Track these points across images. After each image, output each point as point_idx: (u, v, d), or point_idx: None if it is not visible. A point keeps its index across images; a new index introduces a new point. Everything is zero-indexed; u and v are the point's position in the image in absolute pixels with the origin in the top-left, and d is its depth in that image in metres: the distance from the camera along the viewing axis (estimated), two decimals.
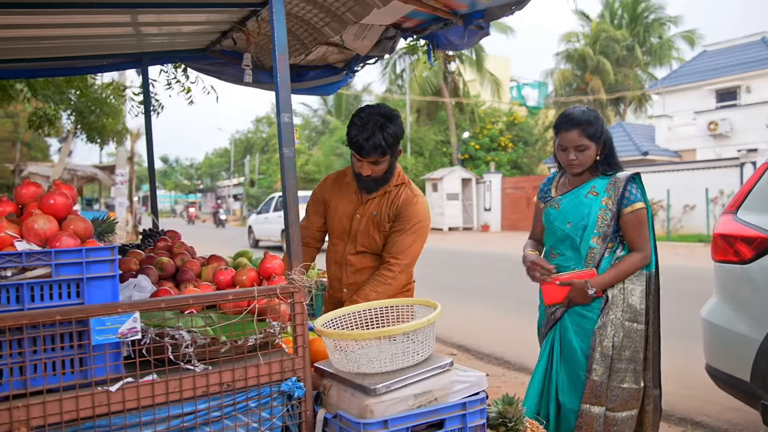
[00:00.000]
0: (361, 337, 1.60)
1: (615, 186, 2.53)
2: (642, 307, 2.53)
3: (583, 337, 2.56)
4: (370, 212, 2.52)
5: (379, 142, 2.34)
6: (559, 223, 2.60)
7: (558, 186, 2.73)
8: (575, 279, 2.49)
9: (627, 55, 30.97)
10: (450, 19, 2.86)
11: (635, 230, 2.52)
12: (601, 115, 2.58)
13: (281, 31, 1.64)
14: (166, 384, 1.49)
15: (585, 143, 2.49)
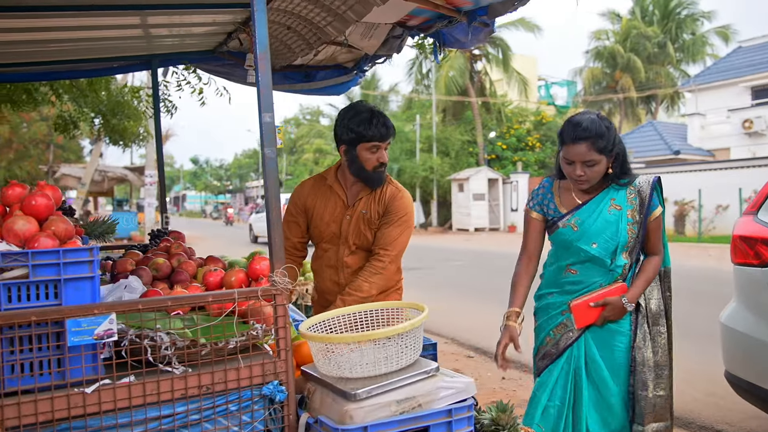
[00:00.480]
0: (341, 340, 1.56)
1: (639, 195, 2.34)
2: (661, 309, 2.42)
3: (611, 355, 2.36)
4: (359, 212, 2.56)
5: (392, 123, 2.53)
6: (582, 243, 2.33)
7: (562, 198, 2.43)
8: (609, 297, 2.30)
9: (659, 53, 30.33)
10: (453, 16, 2.81)
11: (656, 235, 2.39)
12: (613, 125, 2.32)
13: (262, 31, 1.62)
14: (143, 386, 1.48)
15: (594, 158, 2.22)
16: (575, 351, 2.39)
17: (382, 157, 2.50)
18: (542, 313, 2.51)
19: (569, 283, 2.40)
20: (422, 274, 12.25)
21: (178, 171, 74.71)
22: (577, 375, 2.39)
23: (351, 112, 2.53)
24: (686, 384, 4.56)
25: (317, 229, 2.62)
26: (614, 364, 2.36)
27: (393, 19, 3.04)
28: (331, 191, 2.61)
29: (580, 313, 2.34)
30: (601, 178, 2.31)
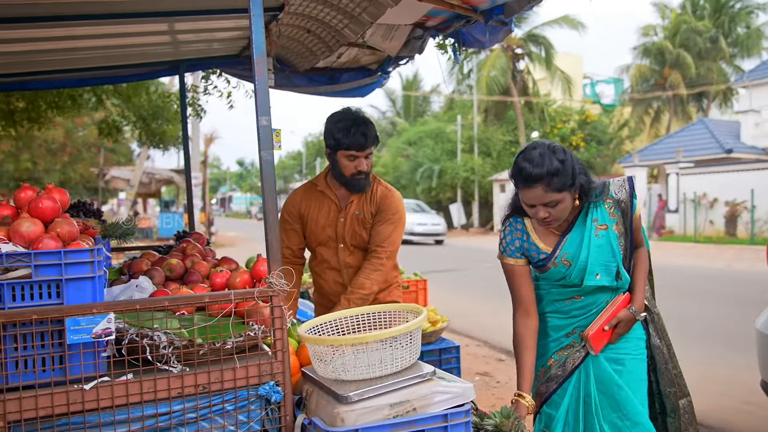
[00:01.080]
0: (336, 342, 1.57)
1: (618, 206, 2.14)
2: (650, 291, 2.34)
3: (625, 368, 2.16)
4: (352, 213, 2.62)
5: (374, 132, 2.54)
6: (589, 280, 2.11)
7: (540, 234, 2.16)
8: (619, 313, 2.14)
9: (710, 48, 29.21)
10: (470, 15, 2.78)
11: (638, 231, 2.24)
12: (569, 153, 2.03)
13: (259, 36, 1.63)
14: (140, 384, 1.51)
15: (554, 198, 1.98)
16: (582, 373, 2.18)
17: (360, 166, 2.52)
18: (549, 333, 2.26)
19: (575, 309, 2.20)
20: (457, 276, 12.17)
21: (224, 173, 76.44)
22: (587, 400, 2.16)
23: (335, 117, 2.57)
24: (722, 393, 4.38)
25: (313, 234, 2.67)
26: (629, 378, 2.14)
27: (411, 21, 3.03)
28: (323, 196, 2.67)
29: (597, 340, 2.14)
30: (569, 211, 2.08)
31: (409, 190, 30.91)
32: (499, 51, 28.98)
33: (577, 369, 2.18)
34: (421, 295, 4.35)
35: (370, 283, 2.51)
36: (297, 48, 3.47)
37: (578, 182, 2.02)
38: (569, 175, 1.98)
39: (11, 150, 20.98)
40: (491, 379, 5.24)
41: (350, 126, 2.49)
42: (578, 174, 2.01)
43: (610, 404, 2.12)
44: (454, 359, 3.62)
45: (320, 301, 2.82)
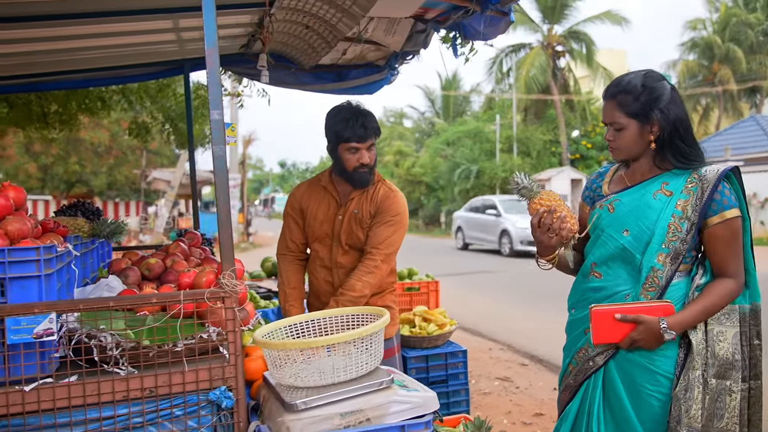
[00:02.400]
0: (283, 347, 1.49)
1: (699, 185, 1.80)
2: (737, 359, 1.79)
3: (642, 401, 1.82)
4: (351, 211, 2.55)
5: (374, 123, 2.50)
6: (613, 230, 1.87)
7: (612, 181, 2.00)
8: (644, 315, 1.75)
9: (763, 41, 27.88)
10: (467, 5, 2.66)
11: (726, 247, 1.78)
12: (664, 84, 1.82)
13: (210, 28, 1.59)
14: (83, 386, 1.47)
15: (620, 121, 1.81)
16: (591, 384, 1.93)
17: (362, 158, 2.46)
18: (568, 331, 2.07)
19: (591, 290, 1.94)
20: (491, 277, 11.94)
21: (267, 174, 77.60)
22: (590, 416, 1.91)
23: (334, 110, 2.52)
24: None
25: (311, 229, 2.63)
26: (646, 416, 1.81)
27: (407, 13, 2.93)
28: (325, 191, 2.62)
29: (601, 325, 1.78)
30: (639, 151, 1.86)
31: (447, 191, 30.63)
32: (538, 49, 28.44)
33: (587, 380, 1.95)
34: (433, 297, 4.24)
35: (361, 286, 2.43)
36: (299, 44, 3.41)
37: (656, 118, 1.79)
38: (648, 103, 1.78)
39: (60, 153, 21.80)
40: (511, 384, 5.08)
41: (349, 117, 2.44)
42: (661, 108, 1.78)
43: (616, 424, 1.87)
44: (461, 364, 3.50)
45: (312, 302, 2.76)
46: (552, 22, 28.77)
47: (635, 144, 1.84)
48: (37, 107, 6.70)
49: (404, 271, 4.51)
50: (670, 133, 1.81)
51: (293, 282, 2.64)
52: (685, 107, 1.87)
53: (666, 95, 1.80)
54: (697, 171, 1.83)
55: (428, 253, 17.25)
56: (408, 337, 3.43)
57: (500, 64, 30.63)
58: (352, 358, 1.51)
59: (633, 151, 1.86)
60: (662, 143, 1.83)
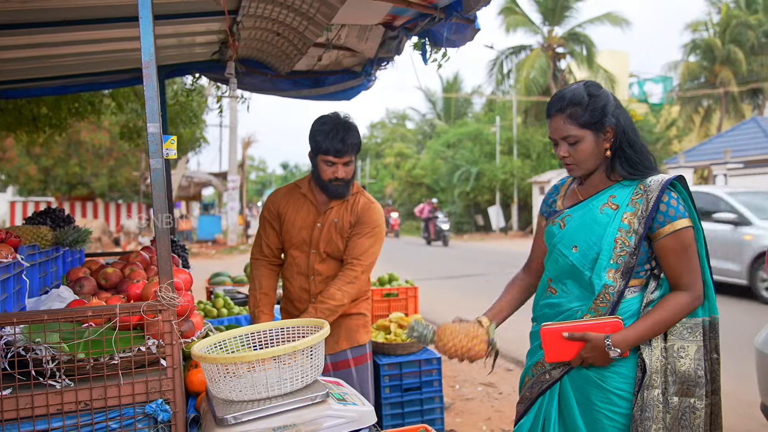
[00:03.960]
0: (214, 361, 1.48)
1: (645, 196, 1.77)
2: (699, 375, 1.74)
3: (592, 419, 1.79)
4: (330, 220, 2.57)
5: (355, 139, 2.49)
6: (563, 247, 1.85)
7: (566, 195, 1.98)
8: (590, 332, 1.73)
9: (765, 42, 27.78)
10: (432, 13, 2.65)
11: (678, 260, 1.74)
12: (606, 91, 1.82)
13: (147, 40, 1.59)
14: (16, 399, 1.46)
15: (574, 133, 1.78)
16: (547, 398, 1.90)
17: (338, 172, 2.48)
18: (531, 341, 2.04)
19: (546, 306, 1.93)
20: (483, 281, 11.91)
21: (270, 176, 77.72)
22: (546, 427, 1.88)
23: (320, 120, 2.54)
24: None
25: (288, 235, 2.62)
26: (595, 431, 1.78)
27: (375, 21, 2.93)
28: (304, 199, 2.62)
29: (551, 343, 1.78)
30: (596, 163, 1.83)
31: (447, 193, 30.63)
32: (539, 50, 28.42)
33: (543, 394, 1.92)
34: (411, 302, 4.23)
35: (341, 295, 2.45)
36: (272, 51, 3.42)
37: (609, 124, 1.78)
38: (595, 112, 1.77)
39: (61, 155, 21.87)
40: (494, 390, 5.07)
41: (330, 130, 2.45)
42: (609, 115, 1.78)
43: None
44: (436, 371, 3.48)
45: (286, 308, 2.76)
46: (552, 24, 28.76)
47: (593, 155, 1.81)
48: (27, 111, 6.73)
49: (384, 277, 4.50)
50: (621, 138, 1.80)
51: (265, 287, 2.64)
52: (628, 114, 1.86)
53: (612, 101, 1.80)
54: (643, 182, 1.80)
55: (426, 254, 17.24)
56: (382, 344, 3.42)
57: (501, 66, 30.62)
58: (286, 372, 1.51)
59: (591, 163, 1.83)
60: (614, 151, 1.81)
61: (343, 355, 2.63)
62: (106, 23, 2.90)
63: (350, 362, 2.65)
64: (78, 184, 25.27)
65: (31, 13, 2.57)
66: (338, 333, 2.61)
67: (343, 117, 2.51)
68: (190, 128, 7.35)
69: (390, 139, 43.27)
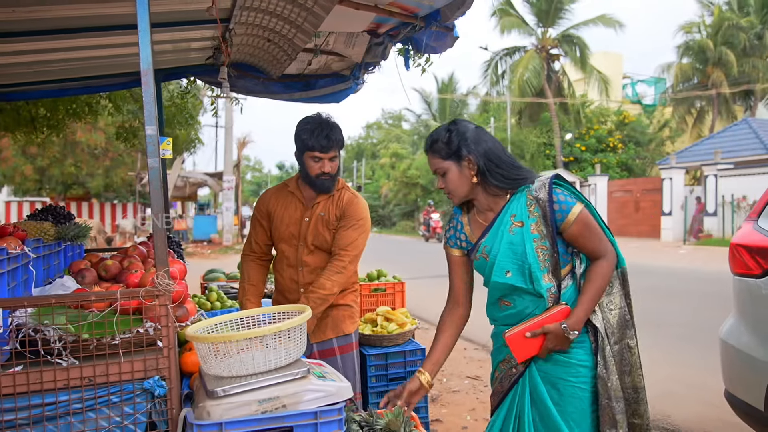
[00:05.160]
0: (206, 340, 1.65)
1: (538, 204, 2.01)
2: (627, 319, 2.05)
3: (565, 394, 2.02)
4: (317, 214, 2.71)
5: (338, 136, 2.63)
6: (497, 276, 2.04)
7: (472, 226, 2.16)
8: (547, 325, 1.96)
9: (756, 45, 28.06)
10: (413, 22, 2.83)
11: (587, 238, 2.00)
12: (465, 125, 2.06)
13: (146, 50, 1.75)
14: (27, 375, 1.63)
15: (441, 165, 2.04)
16: (519, 390, 2.10)
17: (324, 167, 2.62)
18: (493, 341, 2.25)
19: (506, 317, 2.12)
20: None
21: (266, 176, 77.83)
22: (520, 419, 2.07)
23: (304, 120, 2.67)
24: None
25: (277, 231, 2.78)
26: (571, 407, 2.00)
27: (360, 28, 3.10)
28: (292, 196, 2.77)
29: (518, 346, 1.99)
30: (466, 189, 2.05)
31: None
32: (532, 52, 28.64)
33: (514, 386, 2.11)
34: (399, 297, 4.38)
35: (330, 284, 2.58)
36: (264, 56, 3.58)
37: (465, 153, 2.00)
38: (453, 144, 2.01)
39: (56, 155, 21.97)
40: (480, 382, 5.23)
41: (315, 128, 2.59)
42: (468, 144, 2.00)
43: (544, 424, 2.03)
44: (419, 361, 3.64)
45: (277, 299, 2.91)
46: (546, 26, 28.98)
47: (460, 181, 2.04)
48: (25, 112, 6.87)
49: (373, 273, 4.66)
50: (485, 164, 2.01)
51: (253, 279, 2.80)
52: (493, 138, 2.08)
53: (470, 132, 2.03)
54: (530, 192, 2.02)
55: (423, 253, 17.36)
56: (368, 335, 3.58)
57: (495, 67, 30.83)
58: (270, 351, 1.67)
59: (462, 189, 2.05)
60: (483, 174, 2.02)
61: (329, 344, 2.77)
62: (105, 30, 3.06)
63: (336, 350, 2.80)
64: (73, 184, 25.36)
65: (35, 21, 2.73)
66: (325, 323, 2.75)
67: (325, 116, 2.65)
68: (186, 129, 7.48)
69: (385, 140, 43.43)
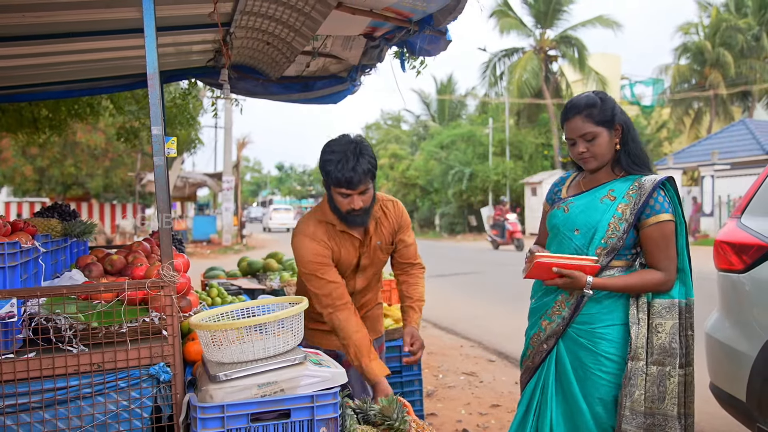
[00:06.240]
0: (209, 328, 1.74)
1: (639, 192, 2.10)
2: (674, 347, 2.06)
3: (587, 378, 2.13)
4: (374, 245, 2.50)
5: (366, 167, 2.25)
6: (566, 229, 2.19)
7: (570, 186, 2.33)
8: (576, 271, 2.05)
9: (754, 46, 28.20)
10: (407, 26, 2.93)
11: (657, 246, 2.08)
12: (610, 97, 2.18)
13: (152, 55, 1.85)
14: (39, 361, 1.73)
15: (592, 130, 2.11)
16: (546, 363, 2.25)
17: (354, 203, 2.27)
18: (529, 318, 2.39)
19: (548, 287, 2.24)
20: (473, 279, 12.21)
21: (265, 176, 77.94)
22: (545, 388, 2.24)
23: (329, 147, 2.31)
24: None
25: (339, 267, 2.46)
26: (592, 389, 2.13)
27: (356, 32, 3.20)
28: (343, 235, 2.44)
29: (537, 270, 2.11)
30: (610, 156, 2.16)
31: (441, 193, 30.91)
32: (531, 53, 28.77)
33: (544, 361, 2.27)
34: (395, 294, 4.49)
35: (422, 291, 2.65)
36: (263, 58, 3.68)
37: (618, 122, 2.13)
38: (609, 111, 2.12)
39: (56, 156, 22.06)
40: (475, 378, 5.33)
41: (340, 160, 2.22)
42: (617, 114, 2.13)
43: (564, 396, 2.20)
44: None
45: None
46: (544, 27, 29.11)
47: (608, 148, 2.15)
48: (27, 113, 6.97)
49: None
50: (627, 134, 2.15)
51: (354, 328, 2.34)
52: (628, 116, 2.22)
53: (617, 104, 2.17)
54: (639, 179, 2.14)
55: None
56: None
57: (494, 68, 30.96)
58: (269, 338, 1.77)
59: (606, 156, 2.16)
60: (625, 144, 2.15)
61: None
62: (110, 34, 3.16)
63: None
64: (73, 184, 25.45)
65: (43, 26, 2.83)
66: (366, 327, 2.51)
67: (352, 141, 2.29)
68: (187, 130, 7.59)
69: (384, 140, 43.50)
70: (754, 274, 2.84)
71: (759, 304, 2.84)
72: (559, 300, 2.21)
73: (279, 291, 4.28)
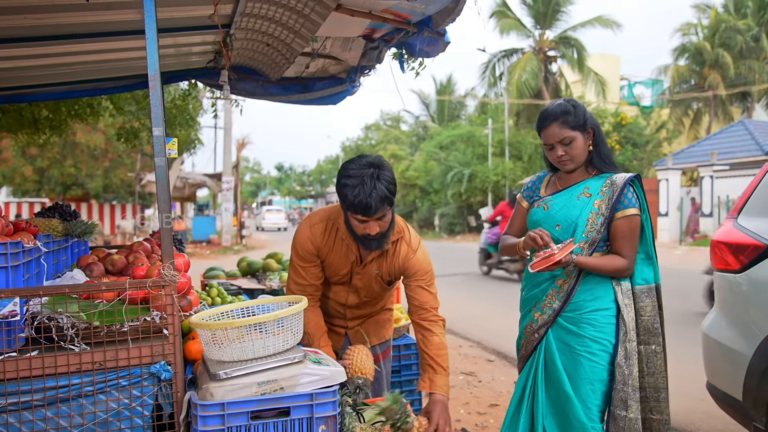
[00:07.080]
0: (209, 327, 1.76)
1: (611, 188, 2.32)
2: (656, 327, 2.34)
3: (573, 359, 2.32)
4: (371, 271, 2.43)
5: (384, 194, 2.14)
6: (547, 226, 2.38)
7: (548, 185, 2.53)
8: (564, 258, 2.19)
9: (753, 47, 28.23)
10: (405, 27, 2.95)
11: (624, 238, 2.30)
12: (580, 103, 2.40)
13: (153, 57, 1.87)
14: (42, 359, 1.74)
15: (569, 135, 2.31)
16: (537, 352, 2.44)
17: (369, 229, 2.19)
18: (521, 309, 2.57)
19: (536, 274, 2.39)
20: (473, 279, 12.23)
21: (265, 177, 77.99)
22: (535, 374, 2.42)
23: (346, 170, 2.21)
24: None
25: (327, 272, 2.48)
26: (576, 372, 2.30)
27: (356, 34, 3.22)
28: (342, 244, 2.39)
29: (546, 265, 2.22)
30: (585, 158, 2.36)
31: (440, 194, 30.95)
32: (530, 54, 28.80)
33: (535, 349, 2.45)
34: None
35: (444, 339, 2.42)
36: (263, 59, 3.70)
37: (589, 125, 2.34)
38: (581, 116, 2.32)
39: (56, 156, 22.09)
40: (474, 378, 5.35)
41: (357, 185, 2.12)
42: (589, 119, 2.34)
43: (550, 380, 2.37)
44: (413, 355, 3.76)
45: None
46: (544, 28, 29.15)
47: (584, 150, 2.36)
48: (28, 113, 6.98)
49: None
50: (597, 137, 2.37)
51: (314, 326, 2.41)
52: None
53: (587, 110, 2.39)
54: (611, 177, 2.37)
55: None
56: None
57: (493, 69, 30.99)
58: (269, 337, 1.79)
59: (583, 156, 2.37)
60: (596, 146, 2.38)
61: (372, 351, 2.52)
62: (111, 36, 3.18)
63: (379, 357, 2.65)
64: (73, 185, 25.47)
65: (44, 27, 2.85)
66: (367, 330, 2.60)
67: (371, 164, 2.18)
68: (186, 130, 7.60)
69: (384, 141, 43.54)
70: (751, 274, 2.86)
71: (755, 304, 2.87)
72: (550, 293, 2.41)
73: (278, 291, 4.29)
